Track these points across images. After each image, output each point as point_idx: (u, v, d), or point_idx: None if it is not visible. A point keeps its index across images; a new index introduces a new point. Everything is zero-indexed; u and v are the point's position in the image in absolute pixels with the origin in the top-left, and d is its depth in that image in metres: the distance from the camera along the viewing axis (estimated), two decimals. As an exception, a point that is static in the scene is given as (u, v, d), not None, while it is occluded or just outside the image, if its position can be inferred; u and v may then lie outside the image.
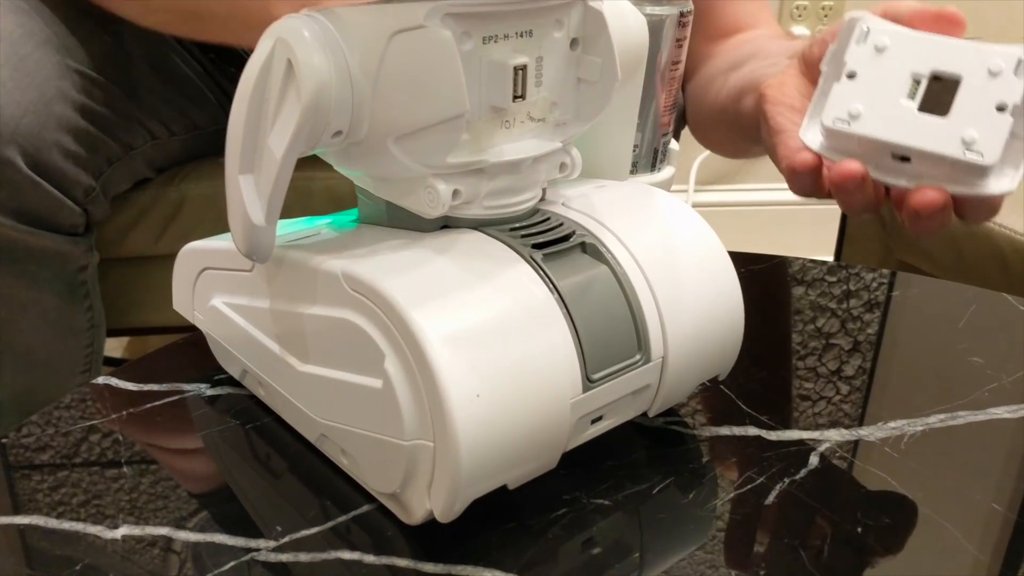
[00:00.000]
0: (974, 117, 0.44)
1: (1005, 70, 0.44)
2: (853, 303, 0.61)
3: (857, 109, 0.47)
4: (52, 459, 0.45)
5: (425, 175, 0.38)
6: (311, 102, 0.35)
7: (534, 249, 0.39)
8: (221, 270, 0.46)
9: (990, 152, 0.44)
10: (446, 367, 0.34)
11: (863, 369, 0.53)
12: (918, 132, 0.45)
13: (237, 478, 0.43)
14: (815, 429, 0.47)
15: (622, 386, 0.40)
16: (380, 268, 0.37)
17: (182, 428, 0.47)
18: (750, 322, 0.45)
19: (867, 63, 0.47)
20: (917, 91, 0.46)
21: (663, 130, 0.51)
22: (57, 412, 0.48)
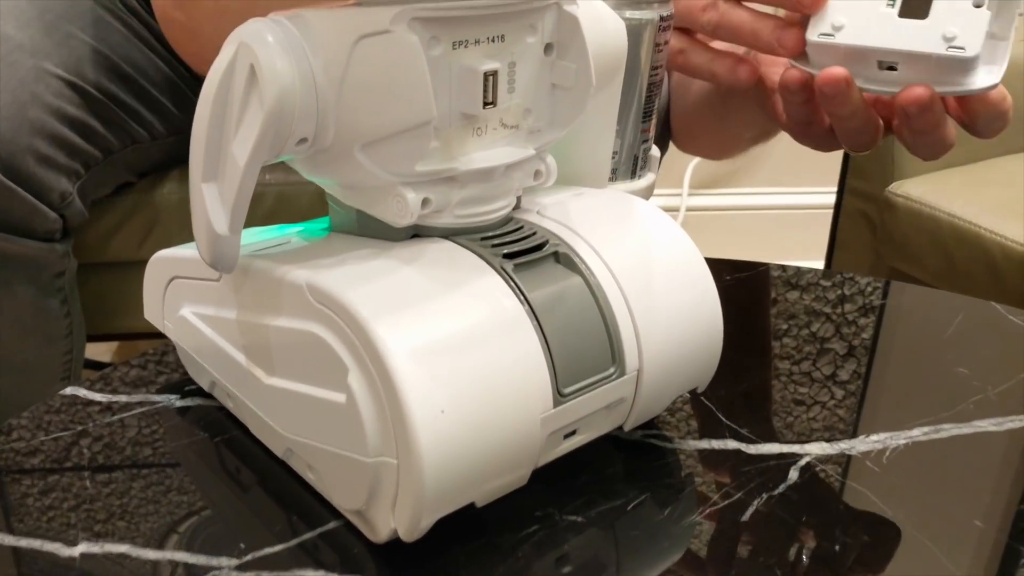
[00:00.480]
0: (953, 16, 0.46)
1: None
2: (840, 312, 0.61)
3: (840, 21, 0.49)
4: (9, 473, 0.44)
5: (394, 183, 0.37)
6: (274, 108, 0.34)
7: (505, 259, 0.38)
8: (190, 279, 0.45)
9: (971, 45, 0.46)
10: (409, 381, 0.33)
11: (847, 381, 0.53)
12: (900, 35, 0.47)
13: (204, 492, 0.42)
14: (796, 442, 0.46)
15: (595, 400, 0.39)
16: (344, 279, 0.36)
17: (149, 440, 0.46)
18: (733, 331, 0.44)
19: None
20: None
21: (643, 136, 0.50)
22: (20, 423, 0.47)
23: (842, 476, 0.44)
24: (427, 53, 0.35)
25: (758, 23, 0.52)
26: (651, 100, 0.50)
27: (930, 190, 0.96)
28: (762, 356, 0.55)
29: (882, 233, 0.98)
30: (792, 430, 0.47)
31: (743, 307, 0.62)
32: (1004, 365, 0.54)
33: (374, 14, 0.34)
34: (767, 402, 0.50)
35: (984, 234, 0.86)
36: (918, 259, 0.93)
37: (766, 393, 0.51)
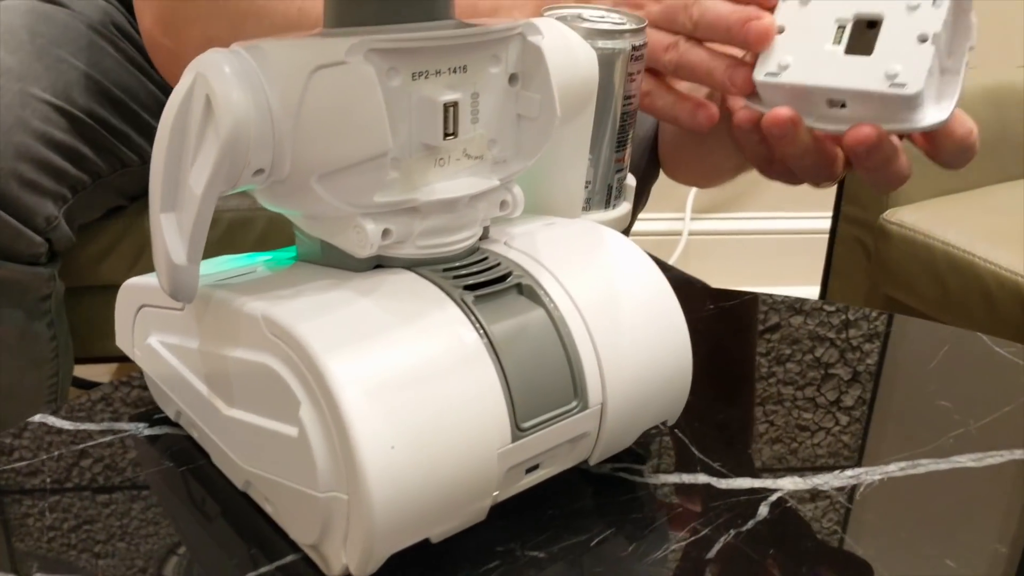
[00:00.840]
0: (897, 52, 0.45)
1: (923, 3, 0.45)
2: (821, 343, 0.60)
3: (786, 60, 0.48)
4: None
5: (353, 214, 0.37)
6: (229, 139, 0.34)
7: (466, 291, 0.38)
8: (157, 308, 0.45)
9: (913, 82, 0.44)
10: (358, 416, 0.32)
11: (825, 414, 0.52)
12: (844, 73, 0.46)
13: (168, 523, 0.42)
14: (768, 477, 0.46)
15: (557, 434, 0.38)
16: (299, 311, 0.35)
17: (115, 470, 0.46)
18: (714, 362, 0.44)
19: (794, 16, 0.48)
20: (843, 36, 0.47)
21: (618, 166, 0.50)
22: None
23: (813, 512, 0.43)
24: (385, 84, 0.35)
25: (713, 62, 0.52)
26: (624, 130, 0.49)
27: (925, 217, 0.95)
28: (741, 387, 0.55)
29: (876, 261, 0.97)
30: (765, 464, 0.47)
31: (726, 337, 0.61)
32: (988, 398, 0.53)
33: (330, 45, 0.34)
34: (742, 435, 0.49)
35: (978, 263, 0.85)
36: (912, 287, 0.93)
37: (742, 426, 0.50)
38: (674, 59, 0.54)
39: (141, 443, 0.47)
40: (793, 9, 0.49)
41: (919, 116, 0.45)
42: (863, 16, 0.47)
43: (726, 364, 0.58)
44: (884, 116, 0.46)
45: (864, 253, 1.01)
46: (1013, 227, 0.91)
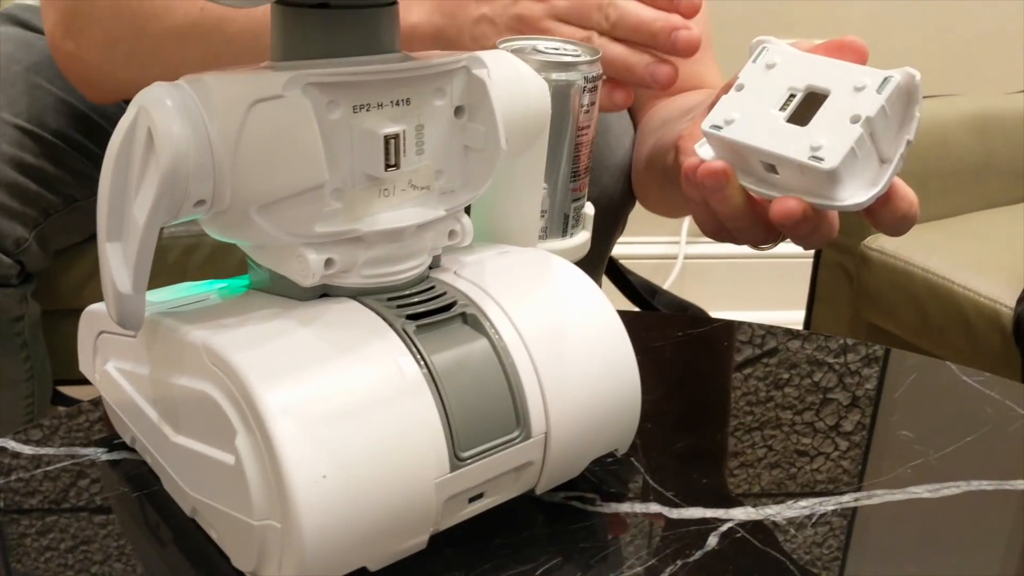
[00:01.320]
0: (828, 127, 0.46)
1: (869, 87, 0.45)
2: (784, 371, 0.60)
3: (733, 116, 0.48)
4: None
5: (295, 244, 0.37)
6: (168, 171, 0.34)
7: (408, 320, 0.38)
8: (114, 334, 0.45)
9: (831, 158, 0.45)
10: (290, 445, 0.32)
11: (783, 443, 0.52)
12: (776, 138, 0.47)
13: (121, 549, 0.42)
14: (721, 506, 0.45)
15: (499, 463, 0.38)
16: (238, 340, 0.36)
17: (72, 494, 0.46)
18: (678, 390, 0.44)
19: (756, 78, 0.49)
20: (790, 104, 0.47)
21: (574, 195, 0.50)
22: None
23: (763, 543, 0.43)
24: (325, 117, 0.35)
25: (632, 57, 0.53)
26: (579, 160, 0.50)
27: (905, 244, 0.95)
28: (702, 416, 0.55)
29: (858, 287, 0.97)
30: (719, 494, 0.47)
31: (691, 365, 0.61)
32: (950, 429, 0.53)
33: (269, 79, 0.34)
34: (699, 464, 0.49)
35: (957, 290, 0.85)
36: (893, 314, 0.92)
37: (699, 455, 0.50)
38: None
39: (99, 468, 0.48)
40: (759, 72, 0.49)
41: (839, 194, 0.46)
42: (813, 89, 0.47)
43: (689, 392, 0.58)
44: (811, 189, 0.47)
45: (847, 279, 1.01)
46: (993, 255, 0.91)
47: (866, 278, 0.97)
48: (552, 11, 0.56)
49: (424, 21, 0.58)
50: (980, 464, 0.50)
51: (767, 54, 0.49)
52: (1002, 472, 0.49)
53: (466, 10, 0.58)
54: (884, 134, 0.45)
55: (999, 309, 0.81)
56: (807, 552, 0.43)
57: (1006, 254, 0.90)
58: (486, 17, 0.57)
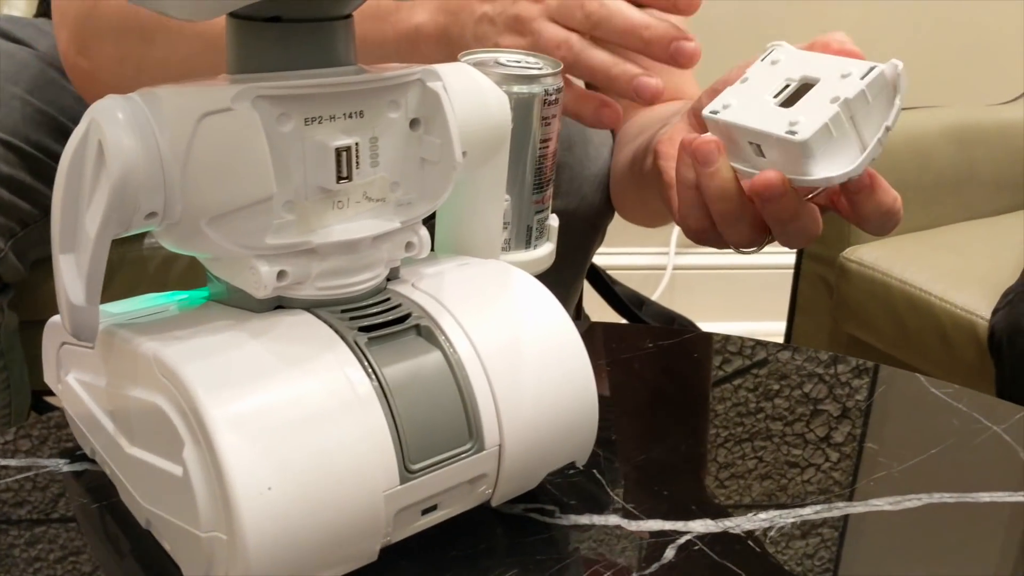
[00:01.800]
0: (810, 107, 0.48)
1: (855, 74, 0.48)
2: (753, 383, 0.60)
3: (730, 103, 0.51)
4: None
5: (247, 256, 0.37)
6: (118, 183, 0.34)
7: (360, 332, 0.38)
8: (74, 345, 0.45)
9: (804, 131, 0.47)
10: (234, 456, 0.33)
11: (748, 455, 0.52)
12: (763, 119, 0.49)
13: (80, 560, 0.42)
14: (680, 519, 0.45)
15: (451, 475, 0.38)
16: (187, 352, 0.36)
17: (31, 505, 0.46)
18: (645, 401, 0.44)
19: (759, 72, 0.52)
20: (784, 92, 0.50)
21: (537, 207, 0.51)
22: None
23: (721, 556, 0.43)
24: (276, 130, 0.36)
25: (615, 68, 0.52)
26: (542, 172, 0.50)
27: (884, 256, 0.95)
28: (667, 429, 0.55)
29: (838, 299, 0.97)
30: (679, 506, 0.47)
31: (660, 377, 0.61)
32: (915, 441, 0.53)
33: (218, 92, 0.34)
34: (661, 477, 0.49)
35: (935, 302, 0.85)
36: (872, 326, 0.92)
37: (662, 467, 0.50)
38: (568, 58, 0.53)
39: (60, 479, 0.48)
40: (763, 68, 0.52)
41: (813, 169, 0.47)
42: (807, 79, 0.50)
43: (655, 404, 0.58)
44: (792, 169, 0.48)
45: (827, 291, 1.01)
46: (972, 266, 0.91)
47: (845, 290, 0.97)
48: (546, 11, 0.55)
49: (428, 21, 0.58)
50: (943, 476, 0.50)
51: (775, 54, 0.52)
52: (965, 484, 0.49)
53: (469, 9, 0.57)
54: (866, 120, 0.48)
55: (975, 321, 0.81)
56: (763, 565, 0.43)
57: (984, 266, 0.90)
58: (487, 16, 0.57)
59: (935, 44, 1.74)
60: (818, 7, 1.73)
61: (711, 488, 0.49)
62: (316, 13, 0.37)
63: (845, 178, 0.48)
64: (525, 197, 0.50)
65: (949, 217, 1.07)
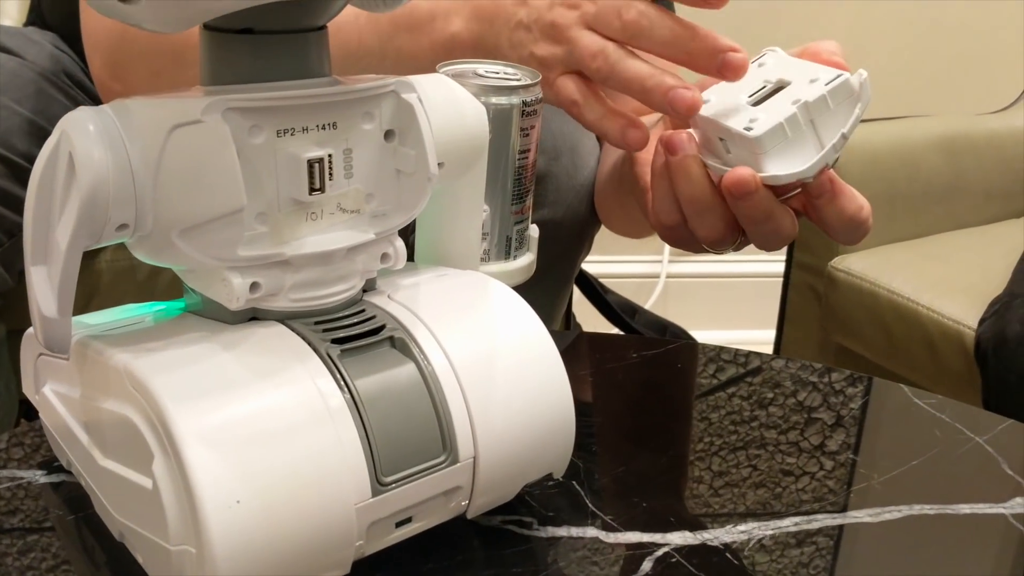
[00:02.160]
0: (772, 107, 0.49)
1: (821, 80, 0.49)
2: (734, 392, 0.60)
3: (708, 99, 0.52)
4: None
5: (219, 268, 0.37)
6: (88, 195, 0.34)
7: (333, 344, 0.38)
8: (50, 357, 0.45)
9: (759, 127, 0.48)
10: (202, 470, 0.32)
11: (728, 466, 0.52)
12: (728, 114, 0.50)
13: (55, 571, 0.42)
14: (658, 531, 0.45)
15: (426, 488, 0.38)
16: (158, 364, 0.36)
17: (7, 517, 0.46)
18: (627, 412, 0.44)
19: (748, 74, 0.53)
20: (760, 93, 0.51)
21: (516, 218, 0.51)
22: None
23: (698, 568, 0.43)
24: (247, 141, 0.35)
25: (651, 80, 0.50)
26: (521, 182, 0.50)
27: (872, 265, 0.95)
28: (648, 440, 0.55)
29: (826, 308, 0.97)
30: (658, 518, 0.47)
31: (643, 387, 0.61)
32: (897, 452, 0.53)
33: (189, 104, 0.34)
34: (640, 487, 0.49)
35: (922, 311, 0.85)
36: (860, 335, 0.92)
37: (642, 479, 0.50)
38: (604, 69, 0.52)
39: (37, 490, 0.48)
40: (751, 70, 0.53)
41: (764, 165, 0.49)
42: (782, 81, 0.51)
43: (636, 415, 0.58)
44: (749, 163, 0.49)
45: (816, 300, 1.01)
46: (959, 276, 0.91)
47: (833, 299, 0.97)
48: (583, 18, 0.53)
49: (463, 29, 0.57)
50: (924, 488, 0.50)
51: (765, 58, 0.53)
52: (946, 496, 0.49)
53: (504, 15, 0.56)
54: (826, 125, 0.49)
55: (962, 330, 0.81)
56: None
57: (971, 275, 0.90)
58: (523, 23, 0.56)
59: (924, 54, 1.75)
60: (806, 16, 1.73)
61: (690, 500, 0.48)
62: (289, 25, 0.37)
63: (794, 179, 0.49)
64: (504, 208, 0.50)
65: (937, 226, 1.07)
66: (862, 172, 0.98)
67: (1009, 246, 1.01)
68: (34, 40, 0.84)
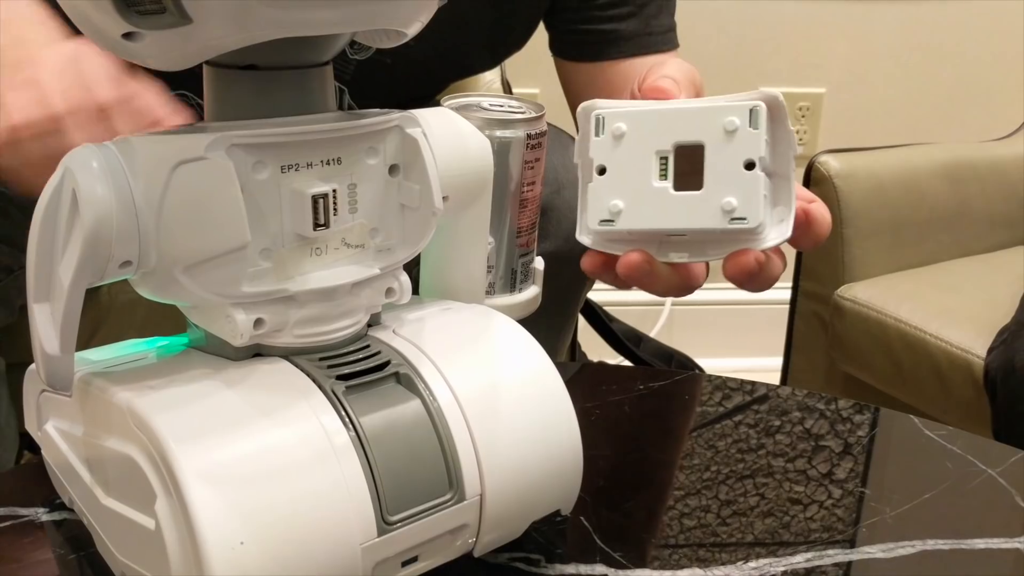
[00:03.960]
0: (727, 182, 0.44)
1: (740, 125, 0.43)
2: (743, 423, 0.59)
3: (617, 205, 0.45)
4: None
5: (223, 304, 0.37)
6: (91, 233, 0.34)
7: (338, 381, 0.37)
8: (53, 393, 0.45)
9: (752, 215, 0.43)
10: (205, 510, 0.32)
11: (739, 500, 0.51)
12: (680, 212, 0.44)
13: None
14: (668, 568, 0.45)
15: (432, 526, 0.38)
16: (161, 403, 0.35)
17: (9, 555, 0.45)
18: (634, 446, 0.43)
19: (612, 153, 0.45)
20: (667, 169, 0.45)
21: (521, 250, 0.50)
22: None
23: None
24: (251, 177, 0.35)
25: None
26: (525, 215, 0.50)
27: (878, 294, 0.95)
28: (656, 474, 0.54)
29: (832, 337, 0.96)
30: (668, 554, 0.46)
31: (649, 420, 0.61)
32: (909, 485, 0.53)
33: (192, 141, 0.34)
34: (650, 524, 0.49)
35: (930, 340, 0.85)
36: (867, 364, 0.92)
37: (651, 514, 0.50)
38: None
39: (39, 528, 0.47)
40: (609, 145, 0.45)
41: (763, 238, 0.44)
42: (683, 144, 0.44)
43: (644, 449, 0.57)
44: (727, 241, 0.45)
45: (823, 329, 1.00)
46: (966, 304, 0.90)
47: (840, 328, 0.96)
48: None
49: None
50: (937, 522, 0.49)
51: (609, 122, 0.45)
52: (959, 531, 0.48)
53: None
54: (773, 162, 0.44)
55: (971, 359, 0.80)
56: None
57: (978, 303, 0.90)
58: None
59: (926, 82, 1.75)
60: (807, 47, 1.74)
61: (699, 532, 0.48)
62: (292, 61, 0.37)
63: (792, 233, 0.45)
64: (509, 240, 0.50)
65: (943, 254, 1.06)
66: (866, 199, 0.97)
67: (1015, 274, 1.00)
68: None
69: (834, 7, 1.71)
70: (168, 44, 0.33)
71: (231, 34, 0.32)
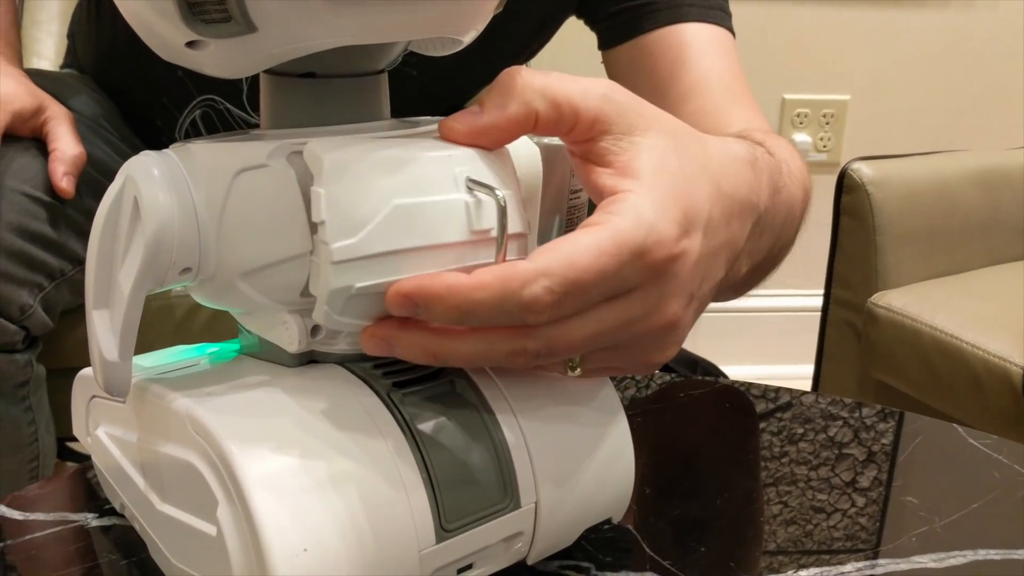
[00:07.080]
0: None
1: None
2: (786, 434, 0.59)
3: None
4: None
5: (280, 311, 0.37)
6: (153, 240, 0.34)
7: (395, 388, 0.37)
8: (105, 399, 0.45)
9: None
10: (270, 518, 0.32)
11: (787, 510, 0.51)
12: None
13: (102, 619, 0.42)
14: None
15: (488, 534, 0.38)
16: (221, 409, 0.35)
17: (60, 562, 0.46)
18: (677, 454, 0.43)
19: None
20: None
21: (568, 258, 0.50)
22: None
23: (762, 615, 0.42)
24: (310, 185, 0.35)
25: None
26: (572, 223, 0.50)
27: (913, 302, 0.94)
28: (702, 482, 0.54)
29: (866, 345, 0.96)
30: (716, 562, 0.46)
31: (692, 428, 0.60)
32: (956, 494, 0.52)
33: (254, 148, 0.35)
34: (698, 532, 0.48)
35: (966, 348, 0.84)
36: (901, 372, 0.91)
37: (698, 522, 0.49)
38: None
39: (89, 534, 0.47)
40: None
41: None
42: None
43: (688, 456, 0.57)
44: None
45: (855, 336, 1.00)
46: (1001, 312, 0.90)
47: (873, 336, 0.95)
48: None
49: None
50: (987, 532, 0.49)
51: None
52: (1011, 540, 0.48)
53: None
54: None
55: (1008, 367, 0.80)
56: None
57: (1014, 311, 0.89)
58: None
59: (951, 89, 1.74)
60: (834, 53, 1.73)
61: (748, 542, 0.47)
62: (350, 69, 0.37)
63: None
64: (556, 248, 0.50)
65: (976, 261, 1.06)
66: (900, 207, 0.97)
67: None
68: (73, 86, 0.86)
69: (859, 14, 1.71)
70: (231, 53, 0.33)
71: (295, 42, 0.33)
